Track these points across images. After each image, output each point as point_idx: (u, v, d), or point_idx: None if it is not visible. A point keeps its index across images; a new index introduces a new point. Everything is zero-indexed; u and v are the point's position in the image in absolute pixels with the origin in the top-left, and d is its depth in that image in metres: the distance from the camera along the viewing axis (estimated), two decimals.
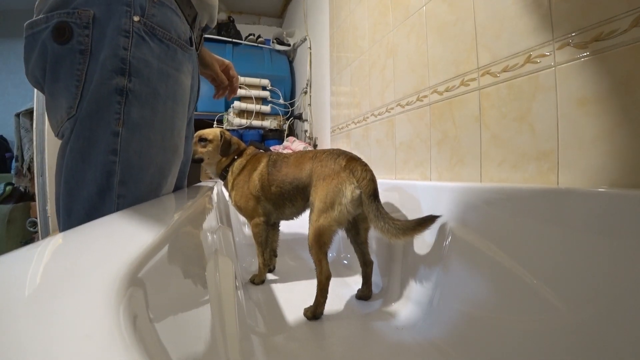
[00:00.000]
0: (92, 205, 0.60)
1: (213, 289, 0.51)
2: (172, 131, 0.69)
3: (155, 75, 0.64)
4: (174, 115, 0.69)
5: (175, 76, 0.68)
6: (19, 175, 2.80)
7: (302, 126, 2.71)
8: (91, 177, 0.60)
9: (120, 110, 0.60)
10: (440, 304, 0.89)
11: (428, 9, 1.19)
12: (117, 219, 0.44)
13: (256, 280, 1.29)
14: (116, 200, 0.61)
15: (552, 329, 0.62)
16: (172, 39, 0.66)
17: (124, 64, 0.59)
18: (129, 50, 0.60)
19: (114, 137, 0.60)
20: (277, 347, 0.86)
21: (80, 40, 0.58)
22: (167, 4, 0.66)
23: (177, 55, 0.68)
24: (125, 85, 0.60)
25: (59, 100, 0.60)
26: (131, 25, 0.60)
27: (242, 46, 2.96)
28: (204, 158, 1.32)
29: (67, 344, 0.15)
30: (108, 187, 0.60)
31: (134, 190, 0.63)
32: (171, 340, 0.26)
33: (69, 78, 0.59)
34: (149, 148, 0.64)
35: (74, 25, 0.58)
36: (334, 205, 0.99)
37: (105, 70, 0.59)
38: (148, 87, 0.63)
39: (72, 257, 0.28)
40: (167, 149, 0.68)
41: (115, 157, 0.60)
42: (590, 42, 0.69)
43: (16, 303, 0.19)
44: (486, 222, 0.83)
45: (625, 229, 0.55)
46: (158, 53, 0.64)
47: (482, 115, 0.97)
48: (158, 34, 0.64)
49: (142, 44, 0.61)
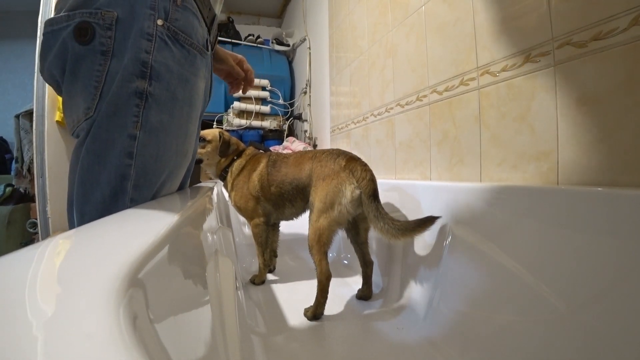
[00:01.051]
0: (105, 207, 0.60)
1: (213, 289, 0.51)
2: (186, 136, 0.69)
3: (175, 80, 0.63)
4: (189, 120, 0.69)
5: (193, 81, 0.68)
6: (19, 177, 2.80)
7: (302, 126, 2.71)
8: (105, 179, 0.59)
9: (139, 113, 0.60)
10: (440, 304, 0.89)
11: (427, 8, 1.19)
12: (117, 220, 0.44)
13: (256, 280, 1.29)
14: (129, 204, 0.61)
15: (552, 329, 0.62)
16: (192, 44, 0.66)
17: (145, 67, 0.59)
18: (152, 54, 0.60)
19: (131, 140, 0.59)
20: (277, 347, 0.86)
21: (102, 41, 0.58)
22: (190, 8, 0.65)
23: (197, 60, 0.68)
24: (145, 89, 0.59)
25: (77, 100, 0.60)
26: (154, 29, 0.60)
27: (241, 46, 2.96)
28: (203, 159, 1.33)
29: (68, 344, 0.15)
30: (122, 190, 0.60)
31: (146, 194, 0.63)
32: (171, 340, 0.26)
33: (88, 78, 0.58)
34: (164, 153, 0.64)
35: (97, 26, 0.58)
36: (333, 205, 0.99)
37: (127, 73, 0.58)
38: (167, 91, 0.62)
39: (72, 258, 0.28)
40: (180, 153, 0.68)
41: (131, 160, 0.60)
42: (590, 41, 0.69)
43: (16, 304, 0.19)
44: (486, 222, 0.83)
45: (625, 229, 0.55)
46: (179, 58, 0.64)
47: (481, 115, 0.97)
48: (180, 38, 0.64)
49: (164, 48, 0.61)
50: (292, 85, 3.01)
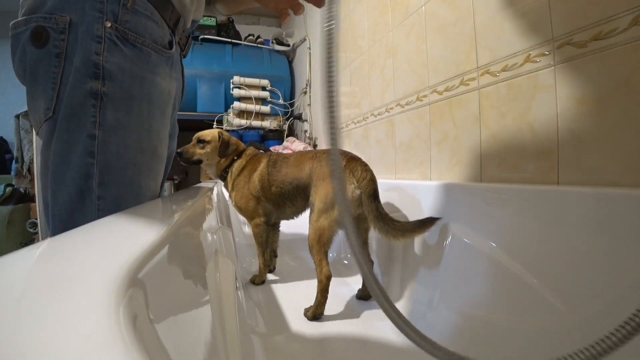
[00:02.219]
0: (72, 206, 0.62)
1: (213, 289, 0.51)
2: (150, 133, 0.70)
3: (128, 79, 0.65)
4: (151, 116, 0.71)
5: (150, 78, 0.69)
6: (19, 177, 2.80)
7: (302, 126, 2.71)
8: (70, 178, 0.61)
9: (96, 113, 0.62)
10: (440, 304, 0.89)
11: (427, 8, 1.19)
12: (117, 220, 0.44)
13: (256, 280, 1.29)
14: (96, 202, 0.62)
15: (552, 329, 0.62)
16: (144, 42, 0.68)
17: (97, 68, 0.61)
18: (102, 55, 0.62)
19: (91, 139, 0.61)
20: (278, 347, 0.86)
21: (56, 44, 0.61)
22: (142, 11, 0.67)
23: (151, 58, 0.70)
24: (99, 89, 0.62)
25: (38, 102, 0.63)
26: (103, 31, 0.62)
27: (241, 47, 2.96)
28: (203, 159, 1.32)
29: (68, 344, 0.15)
30: (87, 188, 0.62)
31: (114, 191, 0.65)
32: (171, 340, 0.26)
33: (46, 80, 0.61)
34: (125, 149, 0.66)
35: (51, 30, 0.61)
36: (334, 205, 0.99)
37: (80, 75, 0.61)
38: (122, 90, 0.64)
39: (73, 258, 0.28)
40: (145, 150, 0.70)
41: (93, 159, 0.62)
42: (590, 41, 0.69)
43: (16, 304, 0.19)
44: (486, 222, 0.83)
45: (625, 229, 0.55)
46: (131, 57, 0.66)
47: (481, 114, 0.97)
48: (130, 38, 0.65)
49: (114, 48, 0.63)
50: (292, 85, 3.01)
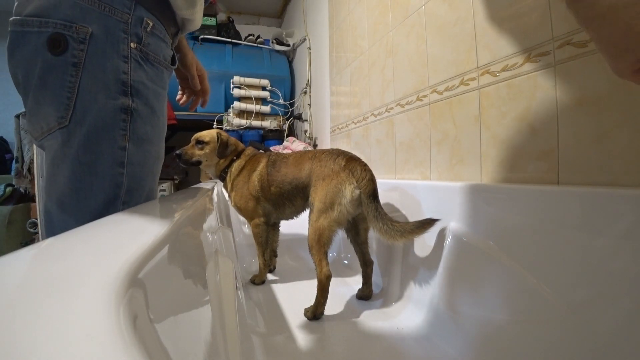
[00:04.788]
0: (99, 214, 0.65)
1: (213, 289, 0.51)
2: (161, 142, 0.78)
3: (151, 95, 0.71)
4: (164, 128, 0.79)
5: (163, 94, 0.77)
6: (19, 177, 2.80)
7: (302, 126, 2.71)
8: (99, 188, 0.65)
9: (126, 127, 0.67)
10: (440, 304, 0.89)
11: (427, 8, 1.19)
12: (117, 220, 0.44)
13: (256, 280, 1.29)
14: (120, 207, 0.68)
15: (552, 329, 0.62)
16: (159, 61, 0.74)
17: (125, 86, 0.66)
18: (129, 74, 0.67)
19: (122, 151, 0.67)
20: (277, 347, 0.86)
21: (74, 53, 0.62)
22: (157, 34, 0.73)
23: (164, 75, 0.77)
24: (129, 105, 0.67)
25: (46, 108, 0.63)
26: (129, 52, 0.66)
27: (241, 46, 2.96)
28: (202, 160, 1.32)
29: (68, 344, 0.15)
30: (115, 196, 0.67)
31: (137, 197, 0.71)
32: (171, 340, 0.26)
33: (59, 88, 0.62)
34: (148, 159, 0.72)
35: (70, 39, 0.61)
36: (333, 205, 0.99)
37: (109, 91, 0.65)
38: (147, 106, 0.70)
39: (73, 258, 0.28)
40: (159, 158, 0.78)
41: (123, 169, 0.67)
42: (590, 41, 0.69)
43: (17, 303, 0.19)
44: (486, 222, 0.83)
45: (625, 229, 0.55)
46: (152, 75, 0.72)
47: (482, 114, 0.97)
48: (150, 58, 0.71)
49: (138, 68, 0.68)
50: (292, 85, 3.01)
